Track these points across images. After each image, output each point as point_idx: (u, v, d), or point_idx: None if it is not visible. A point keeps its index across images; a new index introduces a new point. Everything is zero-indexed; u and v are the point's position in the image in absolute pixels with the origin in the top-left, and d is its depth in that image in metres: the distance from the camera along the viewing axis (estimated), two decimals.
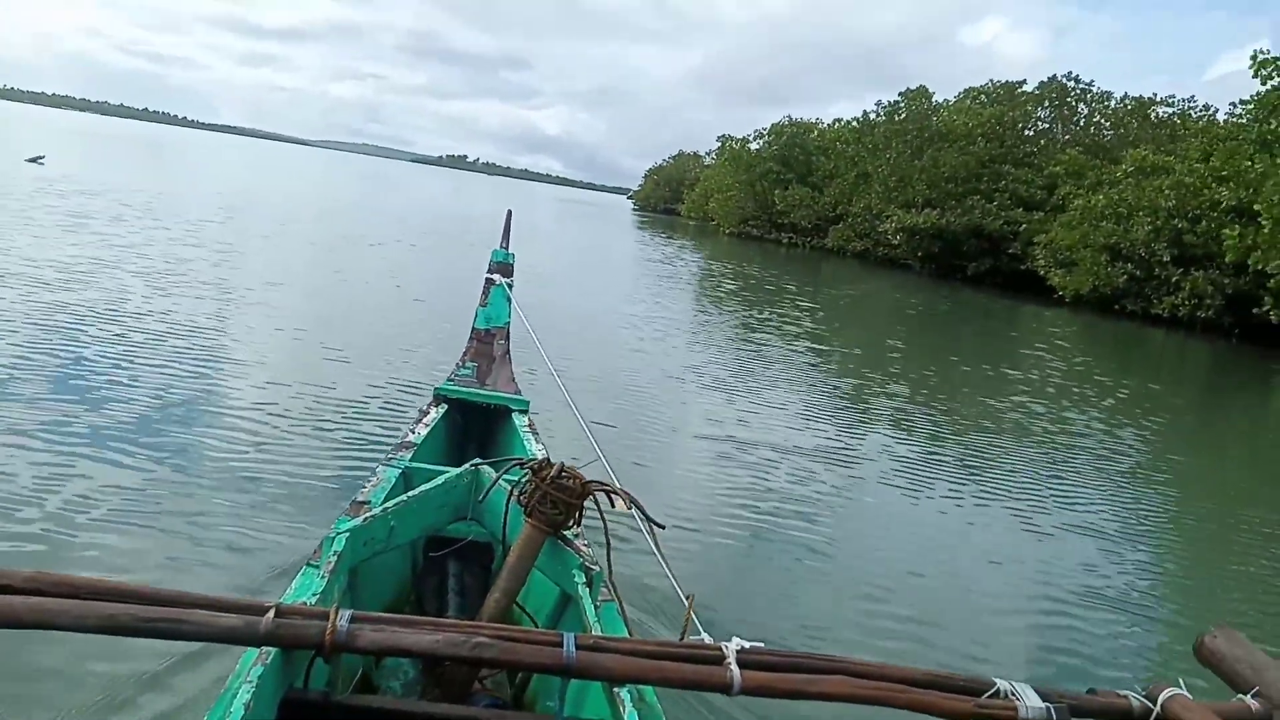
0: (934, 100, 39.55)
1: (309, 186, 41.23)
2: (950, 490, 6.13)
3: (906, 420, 8.48)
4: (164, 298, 8.40)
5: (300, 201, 28.04)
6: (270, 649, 1.49)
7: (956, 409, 9.42)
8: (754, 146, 53.50)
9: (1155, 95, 37.42)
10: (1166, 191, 25.54)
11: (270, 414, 5.30)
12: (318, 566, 1.95)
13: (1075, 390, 12.03)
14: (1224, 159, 24.09)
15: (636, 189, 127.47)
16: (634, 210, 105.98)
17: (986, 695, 1.31)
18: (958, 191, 34.47)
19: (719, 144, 56.43)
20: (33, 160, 23.24)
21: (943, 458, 7.04)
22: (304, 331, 8.20)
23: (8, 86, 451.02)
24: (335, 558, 1.98)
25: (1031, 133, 38.24)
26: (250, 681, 1.47)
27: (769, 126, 54.03)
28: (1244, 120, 24.95)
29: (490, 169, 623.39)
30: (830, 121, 53.89)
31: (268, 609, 1.31)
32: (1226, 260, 22.73)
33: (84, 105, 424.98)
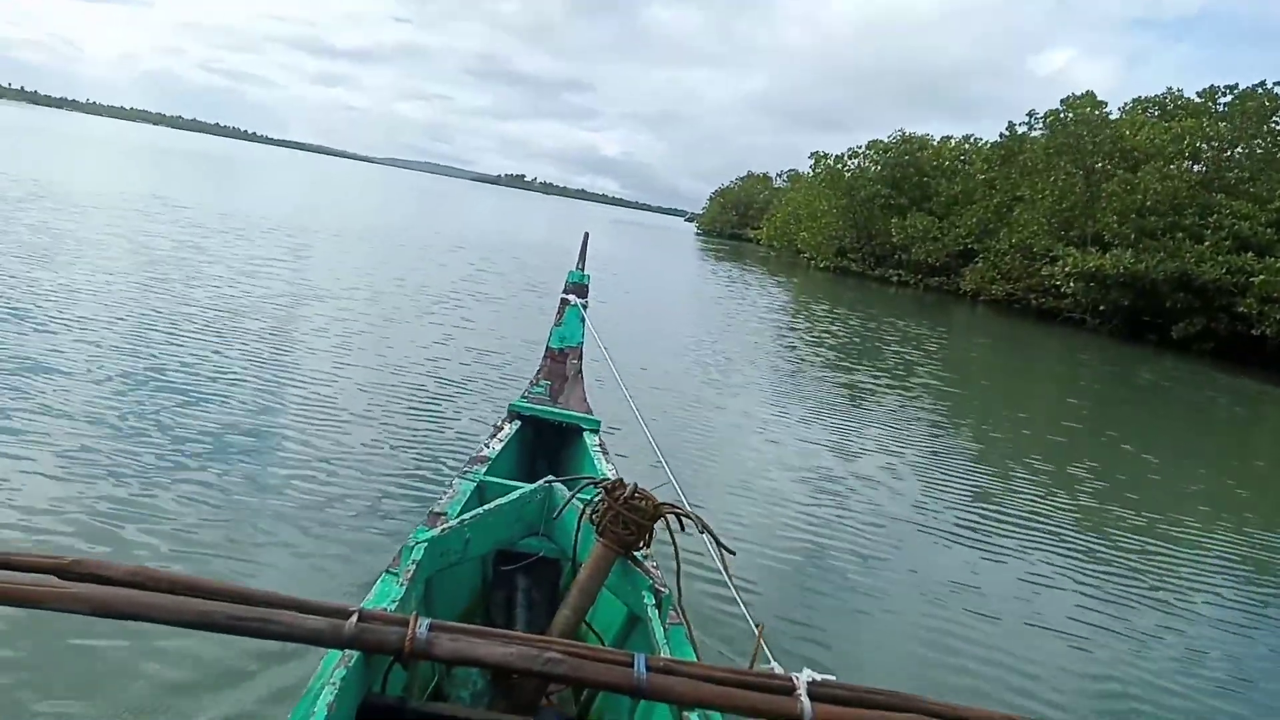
0: (1105, 110, 30.98)
1: (374, 204, 39.69)
2: (1048, 552, 5.47)
3: (1027, 480, 7.29)
4: (237, 313, 8.30)
5: (367, 218, 26.65)
6: (352, 652, 1.53)
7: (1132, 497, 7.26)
8: (851, 165, 45.60)
9: None
10: None
11: (348, 425, 5.43)
12: (396, 574, 1.99)
13: None
14: None
15: (700, 211, 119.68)
16: (697, 234, 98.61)
17: None
18: (1157, 227, 26.15)
19: (811, 162, 48.35)
20: None
21: (1055, 522, 6.17)
22: (379, 346, 8.06)
23: (91, 101, 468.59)
24: (414, 566, 2.02)
25: (1238, 153, 29.61)
26: (333, 684, 1.50)
27: (867, 143, 46.16)
28: None
29: (547, 188, 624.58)
30: (939, 138, 45.81)
31: (351, 613, 1.34)
32: None
33: (158, 119, 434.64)
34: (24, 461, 4.00)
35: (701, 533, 2.08)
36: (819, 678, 1.34)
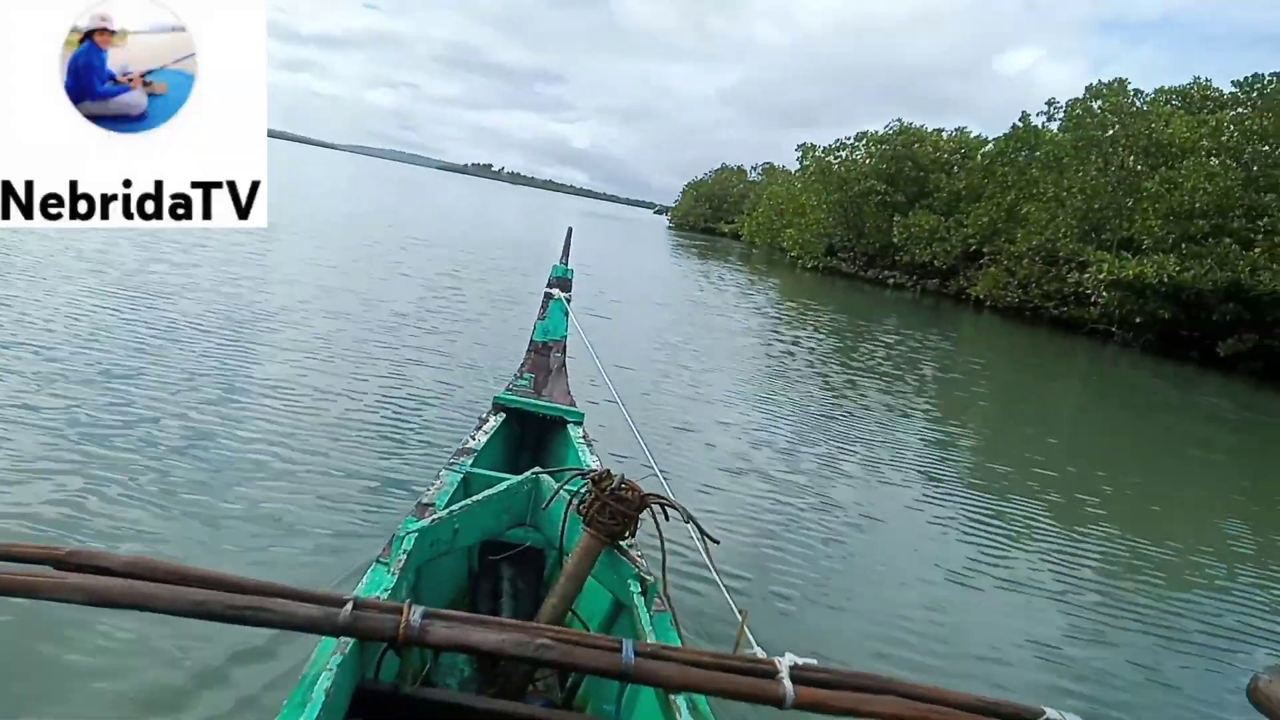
0: (1135, 101, 27.96)
1: (344, 193, 39.55)
2: (1035, 551, 5.47)
3: (1003, 476, 7.41)
4: (219, 308, 8.08)
5: (339, 208, 26.45)
6: (348, 640, 1.51)
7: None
8: (840, 157, 42.34)
9: None
10: None
11: (335, 420, 5.36)
12: (388, 564, 1.99)
13: None
14: None
15: (673, 204, 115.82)
16: (669, 228, 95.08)
17: None
18: (1201, 232, 23.27)
19: (799, 154, 45.08)
20: None
21: (1038, 501, 6.53)
22: (360, 342, 7.91)
23: None
24: (404, 556, 2.02)
25: None
26: (329, 670, 1.48)
27: (855, 134, 42.97)
28: None
29: (515, 178, 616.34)
30: (934, 129, 42.67)
31: (345, 601, 1.34)
32: None
33: None
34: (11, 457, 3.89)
35: (686, 522, 2.11)
36: (800, 661, 1.37)
